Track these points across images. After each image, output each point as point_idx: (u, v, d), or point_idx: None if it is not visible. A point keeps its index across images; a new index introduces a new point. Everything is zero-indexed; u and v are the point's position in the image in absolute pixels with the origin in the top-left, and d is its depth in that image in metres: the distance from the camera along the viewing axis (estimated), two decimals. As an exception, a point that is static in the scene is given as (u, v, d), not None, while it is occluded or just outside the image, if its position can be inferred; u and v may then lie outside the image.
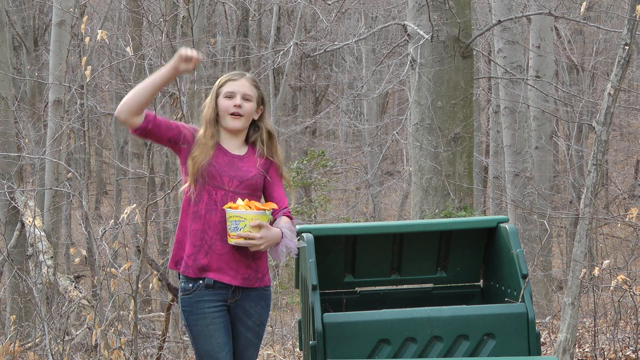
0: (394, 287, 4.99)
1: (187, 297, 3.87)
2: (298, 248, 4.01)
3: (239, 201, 3.84)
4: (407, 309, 4.24)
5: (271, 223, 3.89)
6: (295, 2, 18.58)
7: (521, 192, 12.54)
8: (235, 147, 3.98)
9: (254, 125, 4.03)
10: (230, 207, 3.81)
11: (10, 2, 18.96)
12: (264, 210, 3.83)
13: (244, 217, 3.79)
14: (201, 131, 3.96)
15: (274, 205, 3.91)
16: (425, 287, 4.96)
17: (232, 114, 3.92)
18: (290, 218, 4.00)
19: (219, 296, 3.87)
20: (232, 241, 3.81)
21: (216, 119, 3.97)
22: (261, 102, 4.02)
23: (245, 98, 3.94)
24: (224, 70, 23.34)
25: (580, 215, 6.52)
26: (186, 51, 3.77)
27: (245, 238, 3.79)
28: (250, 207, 3.81)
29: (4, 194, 9.44)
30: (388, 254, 4.73)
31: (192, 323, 3.87)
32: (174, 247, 3.94)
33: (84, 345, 8.24)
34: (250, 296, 3.92)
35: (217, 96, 3.97)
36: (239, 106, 3.92)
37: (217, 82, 4.01)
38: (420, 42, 8.61)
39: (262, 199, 4.06)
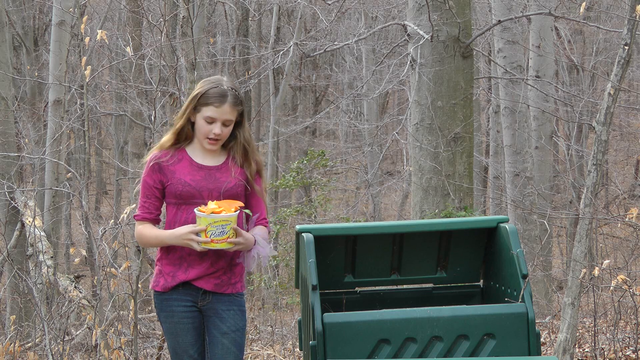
0: (394, 287, 4.99)
1: (158, 294, 3.91)
2: (269, 256, 3.98)
3: (211, 204, 3.75)
4: (407, 309, 4.24)
5: (247, 229, 3.90)
6: (295, 2, 18.58)
7: (521, 192, 12.54)
8: (210, 157, 3.93)
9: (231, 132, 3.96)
10: (200, 210, 3.73)
11: (10, 2, 18.96)
12: (236, 210, 3.78)
13: (231, 220, 3.72)
14: (164, 138, 3.93)
15: (240, 203, 3.85)
16: (425, 287, 4.96)
17: (210, 139, 3.87)
18: (266, 227, 4.00)
19: (188, 296, 3.88)
20: (215, 246, 3.74)
21: (187, 131, 3.93)
22: (240, 114, 3.93)
23: (225, 124, 3.87)
24: (224, 70, 23.35)
25: (580, 215, 6.52)
26: (194, 238, 3.75)
27: (233, 243, 3.76)
28: (221, 207, 3.75)
29: (4, 194, 9.43)
30: (388, 254, 4.73)
31: (162, 320, 3.93)
32: (156, 264, 3.95)
33: (84, 345, 8.24)
34: (222, 300, 3.91)
35: (195, 110, 3.88)
36: (219, 134, 3.86)
37: (197, 93, 3.88)
38: (420, 42, 8.60)
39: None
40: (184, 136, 3.94)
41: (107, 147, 28.90)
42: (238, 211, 3.77)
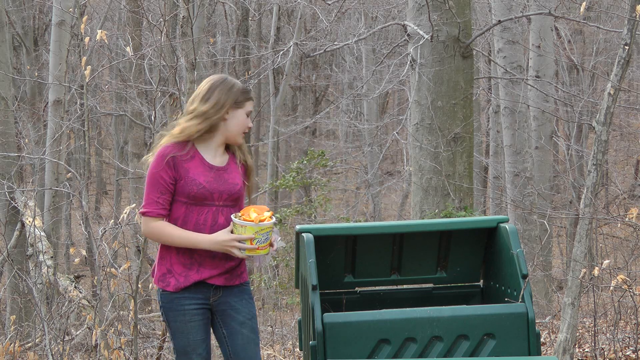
0: (394, 287, 4.99)
1: (168, 294, 3.88)
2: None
3: (252, 213, 3.80)
4: (407, 309, 4.24)
5: None
6: (295, 2, 18.58)
7: (521, 192, 12.54)
8: (218, 157, 3.96)
9: None
10: (246, 220, 3.77)
11: (10, 2, 18.96)
12: (272, 215, 3.87)
13: (273, 227, 3.83)
14: (192, 126, 3.89)
15: (267, 208, 3.92)
16: (425, 287, 4.96)
17: (244, 133, 4.00)
18: None
19: (200, 294, 3.88)
20: (259, 253, 3.81)
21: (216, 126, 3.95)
22: None
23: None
24: (224, 70, 23.34)
25: (580, 215, 6.52)
26: (236, 246, 3.79)
27: (271, 247, 3.87)
28: (258, 214, 3.81)
29: (4, 194, 9.43)
30: (388, 254, 4.73)
31: (172, 319, 3.89)
32: (158, 262, 3.92)
33: (84, 345, 8.25)
34: (233, 292, 3.95)
35: (236, 105, 3.93)
36: (250, 127, 4.03)
37: (238, 90, 3.93)
38: (420, 42, 8.61)
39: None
40: (211, 131, 3.95)
41: (107, 147, 28.90)
42: (274, 217, 3.87)
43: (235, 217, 3.80)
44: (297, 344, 7.38)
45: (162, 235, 3.85)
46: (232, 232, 3.81)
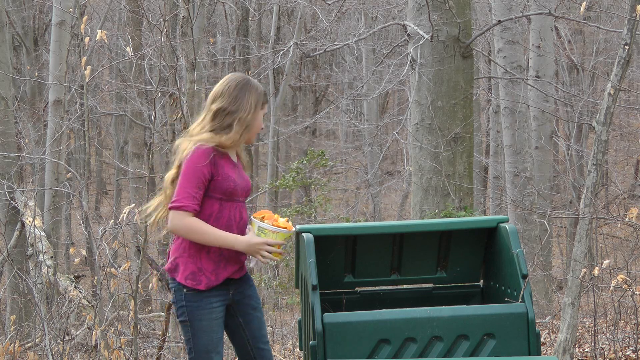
0: (394, 287, 4.99)
1: (197, 293, 3.86)
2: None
3: (280, 219, 3.91)
4: (407, 309, 4.24)
5: None
6: (295, 2, 18.59)
7: (521, 192, 12.54)
8: (234, 156, 4.04)
9: None
10: (279, 226, 3.86)
11: (10, 2, 18.96)
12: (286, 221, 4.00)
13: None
14: (237, 135, 3.92)
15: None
16: (425, 287, 4.96)
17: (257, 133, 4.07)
18: None
19: (224, 290, 3.94)
20: (280, 257, 3.92)
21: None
22: None
23: None
24: (224, 70, 23.34)
25: (580, 215, 6.52)
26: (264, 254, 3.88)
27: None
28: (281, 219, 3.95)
29: (4, 194, 9.43)
30: (388, 254, 4.73)
31: (198, 318, 3.87)
32: (185, 260, 3.89)
33: (84, 345, 8.24)
34: (242, 281, 4.03)
35: (260, 108, 4.00)
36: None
37: (262, 92, 3.99)
38: (420, 42, 8.60)
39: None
40: None
41: (107, 147, 28.89)
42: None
43: (262, 222, 3.86)
44: (297, 344, 7.39)
45: (195, 233, 3.81)
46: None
